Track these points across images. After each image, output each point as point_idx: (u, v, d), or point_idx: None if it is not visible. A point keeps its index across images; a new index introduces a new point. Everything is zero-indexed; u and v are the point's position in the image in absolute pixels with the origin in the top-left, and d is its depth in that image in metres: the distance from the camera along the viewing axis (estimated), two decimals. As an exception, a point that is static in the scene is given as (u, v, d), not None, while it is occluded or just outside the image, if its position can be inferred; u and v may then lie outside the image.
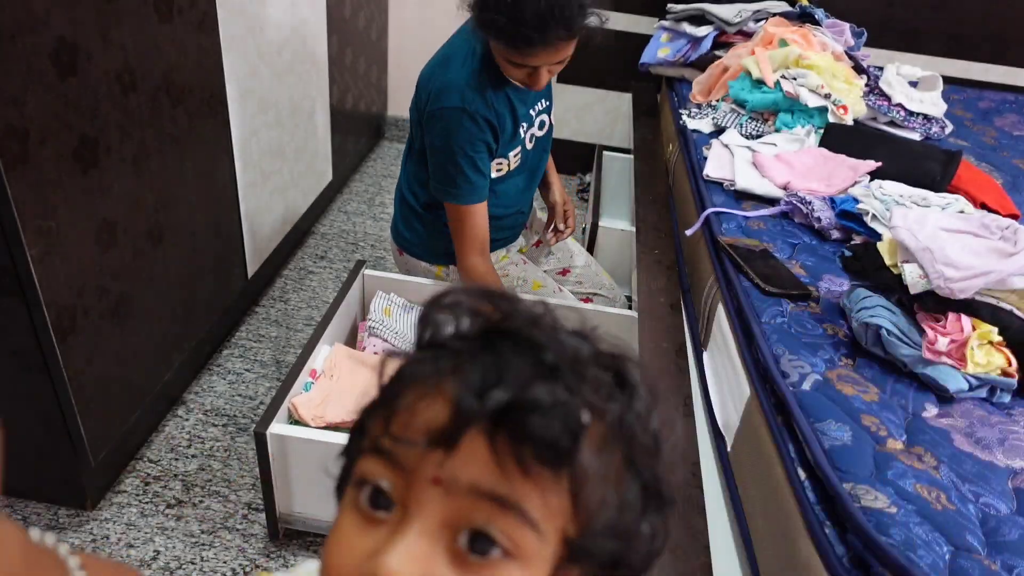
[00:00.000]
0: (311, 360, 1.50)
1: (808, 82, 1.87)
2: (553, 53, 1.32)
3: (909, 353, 1.06)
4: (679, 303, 1.51)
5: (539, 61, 1.33)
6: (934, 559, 0.75)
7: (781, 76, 1.91)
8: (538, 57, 1.32)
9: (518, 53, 1.31)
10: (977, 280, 1.05)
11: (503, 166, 1.55)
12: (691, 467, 1.12)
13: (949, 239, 1.12)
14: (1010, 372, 1.03)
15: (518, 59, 1.33)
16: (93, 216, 1.31)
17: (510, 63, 1.35)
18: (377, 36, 2.90)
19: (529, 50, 1.30)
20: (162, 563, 1.40)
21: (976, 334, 1.03)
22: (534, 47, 1.29)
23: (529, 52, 1.30)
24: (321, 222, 2.59)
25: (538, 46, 1.29)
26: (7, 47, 1.05)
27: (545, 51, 1.31)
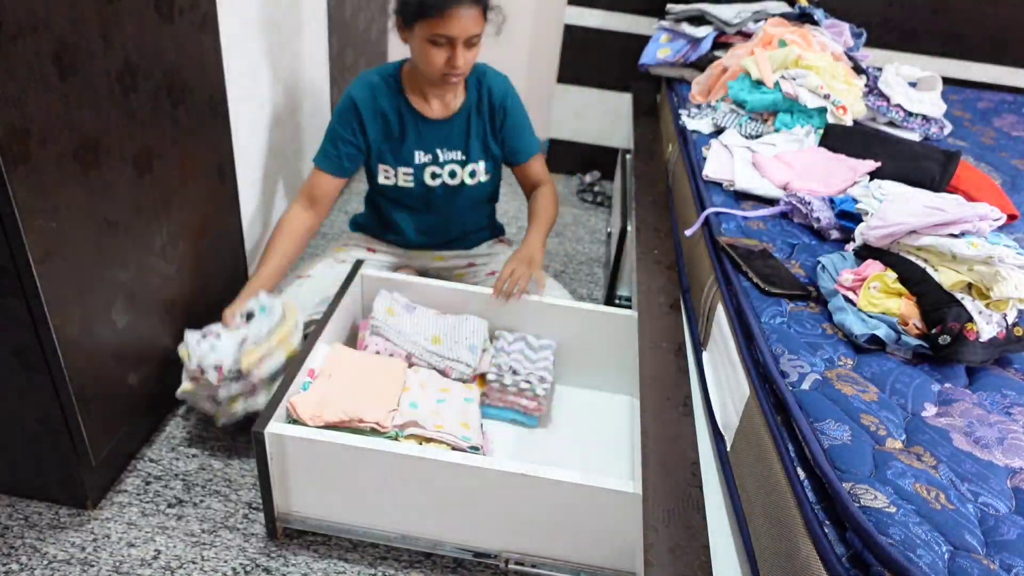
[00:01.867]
0: (309, 359, 1.50)
1: (807, 83, 1.87)
2: (468, 21, 1.53)
3: (825, 285, 1.24)
4: (679, 303, 1.51)
5: (460, 27, 1.53)
6: (933, 558, 0.76)
7: (780, 76, 1.91)
8: (459, 20, 1.52)
9: (440, 18, 1.52)
10: (888, 229, 1.23)
11: (390, 174, 1.81)
12: (691, 467, 1.12)
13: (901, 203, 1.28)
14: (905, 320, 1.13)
15: (440, 27, 1.53)
16: (94, 216, 1.31)
17: (432, 43, 1.56)
18: (377, 37, 2.90)
19: (447, 11, 1.51)
20: (163, 562, 1.40)
21: (873, 275, 1.18)
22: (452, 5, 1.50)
23: (449, 14, 1.51)
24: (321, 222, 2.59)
25: (455, 5, 1.50)
26: (8, 47, 1.06)
27: (464, 14, 1.52)
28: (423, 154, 1.78)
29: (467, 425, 1.50)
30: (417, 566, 1.46)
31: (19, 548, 1.39)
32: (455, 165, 1.82)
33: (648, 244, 1.69)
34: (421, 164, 1.79)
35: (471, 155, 1.82)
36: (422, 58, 1.60)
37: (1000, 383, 1.10)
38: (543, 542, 1.39)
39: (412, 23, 1.56)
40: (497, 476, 1.30)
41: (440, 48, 1.57)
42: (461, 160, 1.82)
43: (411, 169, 1.79)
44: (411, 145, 1.77)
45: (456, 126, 1.79)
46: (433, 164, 1.80)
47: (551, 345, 1.78)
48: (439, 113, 1.77)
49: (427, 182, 1.82)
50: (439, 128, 1.77)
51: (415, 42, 1.59)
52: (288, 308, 1.64)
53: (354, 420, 1.39)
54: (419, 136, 1.77)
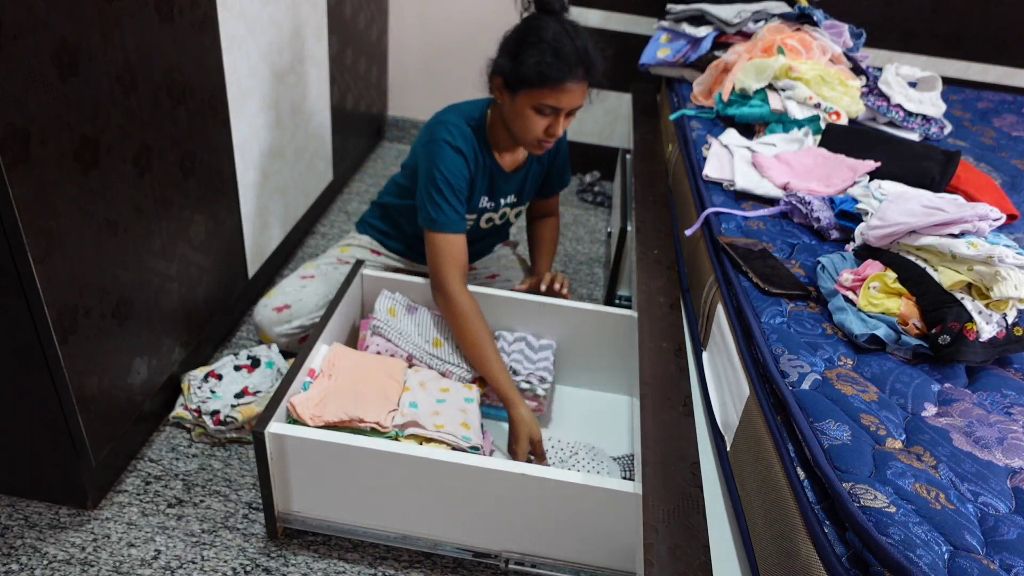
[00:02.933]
0: (310, 359, 1.50)
1: (796, 94, 1.88)
2: (577, 94, 1.51)
3: (825, 285, 1.24)
4: (679, 303, 1.51)
5: (568, 100, 1.50)
6: (933, 558, 0.76)
7: (768, 86, 1.92)
8: (569, 94, 1.49)
9: (553, 91, 1.48)
10: (887, 229, 1.23)
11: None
12: (691, 467, 1.12)
13: (901, 203, 1.28)
14: (905, 320, 1.13)
15: (550, 99, 1.49)
16: (94, 216, 1.31)
17: (536, 111, 1.51)
18: (377, 36, 2.90)
19: (565, 84, 1.47)
20: (163, 562, 1.40)
21: (873, 275, 1.18)
22: (569, 81, 1.47)
23: (564, 87, 1.47)
24: (321, 222, 2.59)
25: (571, 80, 1.47)
26: (8, 47, 1.06)
27: (575, 88, 1.49)
28: (487, 200, 1.76)
29: (467, 425, 1.50)
30: (417, 566, 1.46)
31: (19, 548, 1.39)
32: (507, 208, 1.83)
33: (648, 244, 1.69)
34: (483, 209, 1.77)
35: (523, 198, 1.84)
36: (521, 124, 1.55)
37: (1000, 383, 1.10)
38: (543, 542, 1.39)
39: (518, 89, 1.50)
40: (497, 476, 1.30)
41: (543, 117, 1.53)
42: (513, 203, 1.83)
43: (474, 216, 1.77)
44: (481, 193, 1.73)
45: (520, 175, 1.79)
46: (492, 210, 1.80)
47: (551, 345, 1.78)
48: (510, 165, 1.75)
49: (481, 225, 1.82)
50: (508, 178, 1.76)
51: (516, 107, 1.53)
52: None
53: (354, 420, 1.39)
54: (491, 187, 1.74)
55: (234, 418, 1.62)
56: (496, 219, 1.84)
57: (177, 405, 1.68)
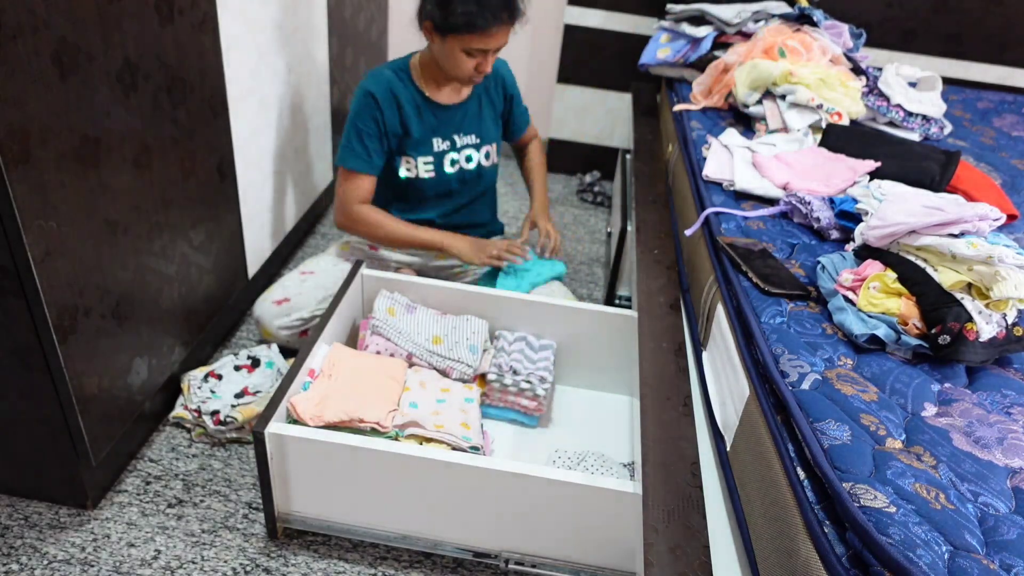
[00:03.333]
0: (310, 359, 1.50)
1: (798, 97, 1.88)
2: (502, 36, 1.64)
3: (825, 285, 1.24)
4: (679, 303, 1.51)
5: (495, 42, 1.63)
6: (933, 558, 0.76)
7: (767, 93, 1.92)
8: (495, 37, 1.62)
9: (481, 36, 1.60)
10: (887, 229, 1.23)
11: (411, 166, 1.82)
12: (690, 467, 1.12)
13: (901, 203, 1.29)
14: (905, 320, 1.13)
15: (479, 43, 1.62)
16: (94, 216, 1.31)
17: (467, 53, 1.64)
18: (377, 36, 2.90)
19: (491, 30, 1.60)
20: (163, 562, 1.40)
21: (873, 275, 1.18)
22: (494, 27, 1.60)
23: (490, 32, 1.60)
24: (321, 222, 2.59)
25: (496, 26, 1.60)
26: (8, 47, 1.06)
27: (500, 30, 1.62)
28: (441, 141, 1.82)
29: (467, 425, 1.50)
30: (417, 566, 1.46)
31: (19, 548, 1.39)
32: (471, 149, 1.86)
33: (648, 244, 1.69)
34: (440, 152, 1.82)
35: (484, 137, 1.88)
36: (451, 63, 1.67)
37: (1000, 383, 1.10)
38: (543, 542, 1.39)
39: (447, 34, 1.62)
40: (497, 476, 1.30)
41: (472, 57, 1.65)
42: (476, 143, 1.87)
43: (431, 158, 1.83)
44: (428, 133, 1.80)
45: (470, 109, 1.84)
46: (451, 151, 1.85)
47: (551, 345, 1.78)
48: (452, 98, 1.81)
49: (446, 170, 1.85)
50: (454, 113, 1.81)
51: (445, 48, 1.65)
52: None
53: (354, 420, 1.39)
54: (436, 123, 1.80)
55: (234, 418, 1.62)
56: (462, 161, 1.86)
57: (177, 405, 1.68)
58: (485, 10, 1.57)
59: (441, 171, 1.85)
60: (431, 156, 1.82)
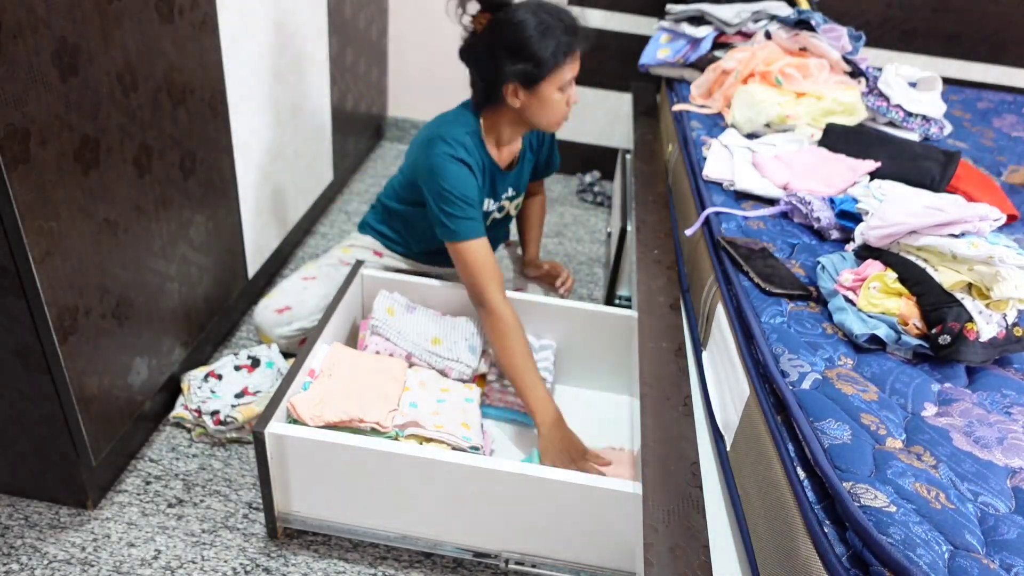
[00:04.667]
0: (310, 359, 1.50)
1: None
2: (577, 61, 1.56)
3: (825, 285, 1.24)
4: (679, 303, 1.51)
5: (577, 65, 1.56)
6: (933, 558, 0.76)
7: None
8: (576, 59, 1.55)
9: (571, 62, 1.54)
10: (887, 229, 1.23)
11: None
12: (690, 467, 1.12)
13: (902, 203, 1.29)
14: (905, 320, 1.13)
15: (568, 72, 1.54)
16: (94, 216, 1.31)
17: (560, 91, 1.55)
18: (377, 36, 2.90)
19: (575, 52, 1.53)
20: (163, 562, 1.40)
21: (873, 275, 1.18)
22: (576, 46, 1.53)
23: (574, 55, 1.53)
24: (321, 222, 2.59)
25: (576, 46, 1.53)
26: (9, 47, 1.06)
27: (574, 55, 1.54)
28: (491, 202, 1.77)
29: (467, 425, 1.50)
30: (417, 566, 1.46)
31: (19, 548, 1.39)
32: (507, 201, 1.83)
33: (648, 244, 1.69)
34: (488, 212, 1.78)
35: (520, 190, 1.85)
36: (550, 110, 1.57)
37: (1000, 383, 1.10)
38: (543, 542, 1.39)
39: (540, 81, 1.52)
40: (497, 476, 1.30)
41: (564, 93, 1.57)
42: (512, 196, 1.84)
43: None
44: (484, 195, 1.73)
45: (518, 169, 1.80)
46: (496, 211, 1.81)
47: (551, 345, 1.78)
48: (508, 161, 1.76)
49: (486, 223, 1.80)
50: (507, 175, 1.77)
51: (540, 98, 1.55)
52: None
53: (354, 420, 1.39)
54: (492, 186, 1.74)
55: (234, 418, 1.62)
56: (497, 215, 1.84)
57: (177, 405, 1.68)
58: (560, 35, 1.50)
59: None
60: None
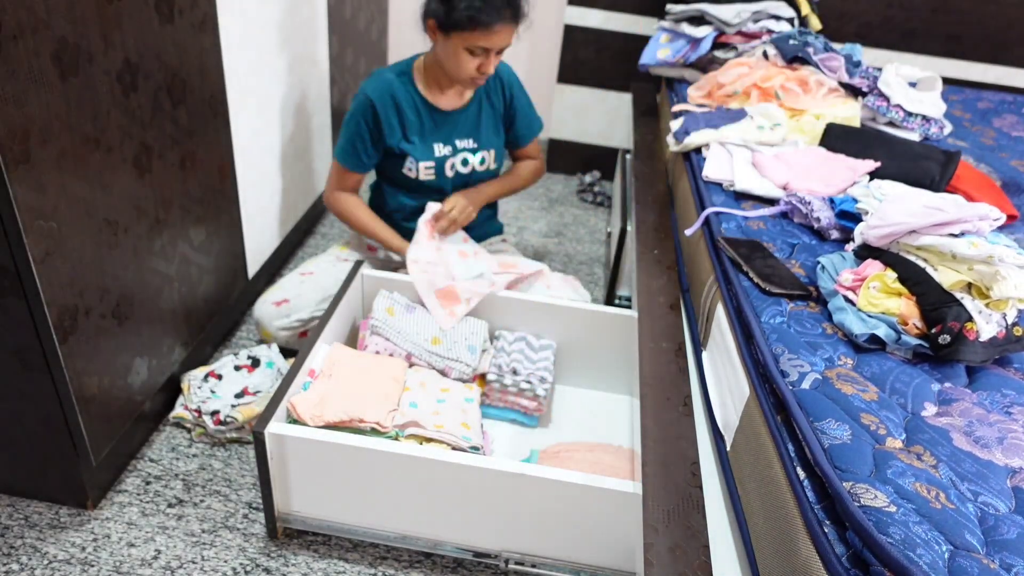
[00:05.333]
0: (310, 359, 1.50)
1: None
2: (506, 35, 1.64)
3: (825, 285, 1.24)
4: (679, 303, 1.51)
5: (498, 40, 1.63)
6: (933, 558, 0.76)
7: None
8: (499, 35, 1.62)
9: (484, 33, 1.60)
10: (887, 229, 1.23)
11: (412, 169, 1.83)
12: (690, 467, 1.12)
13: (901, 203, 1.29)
14: (905, 320, 1.12)
15: (481, 40, 1.61)
16: (94, 216, 1.31)
17: (469, 52, 1.64)
18: (377, 36, 2.90)
19: (494, 27, 1.60)
20: (163, 562, 1.40)
21: (873, 275, 1.18)
22: (497, 24, 1.60)
23: (493, 29, 1.60)
24: (321, 222, 2.59)
25: (500, 23, 1.60)
26: (9, 47, 1.06)
27: (504, 29, 1.62)
28: (442, 146, 1.83)
29: (467, 425, 1.50)
30: (417, 566, 1.46)
31: (19, 548, 1.39)
32: (467, 153, 1.87)
33: (648, 244, 1.69)
34: (442, 156, 1.83)
35: (482, 142, 1.88)
36: (454, 63, 1.67)
37: (1000, 382, 1.10)
38: (543, 542, 1.39)
39: (450, 31, 1.62)
40: (497, 476, 1.30)
41: (475, 57, 1.65)
42: (472, 148, 1.87)
43: (432, 162, 1.83)
44: (430, 139, 1.81)
45: (470, 115, 1.84)
46: (452, 155, 1.85)
47: (551, 345, 1.78)
48: (454, 104, 1.82)
49: (446, 173, 1.86)
50: (454, 118, 1.82)
51: (448, 47, 1.66)
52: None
53: (354, 420, 1.39)
54: (436, 128, 1.81)
55: (234, 418, 1.62)
56: (459, 165, 1.87)
57: (177, 405, 1.68)
58: (489, 6, 1.57)
59: (441, 174, 1.85)
60: (432, 161, 1.83)
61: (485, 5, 1.57)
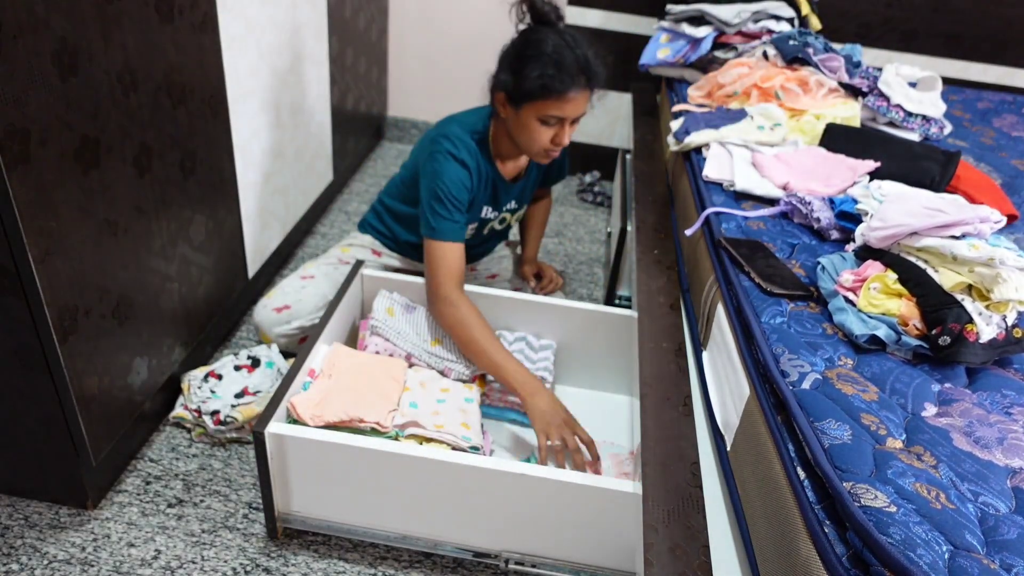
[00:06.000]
0: (310, 359, 1.50)
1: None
2: (581, 103, 1.53)
3: (825, 285, 1.24)
4: (679, 303, 1.51)
5: (572, 109, 1.52)
6: (933, 558, 0.76)
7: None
8: (573, 103, 1.51)
9: (557, 101, 1.49)
10: (888, 231, 1.23)
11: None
12: (691, 467, 1.12)
13: (902, 204, 1.28)
14: (905, 321, 1.13)
15: (555, 109, 1.50)
16: (94, 216, 1.31)
17: (542, 122, 1.53)
18: (377, 36, 2.90)
19: (568, 94, 1.49)
20: (163, 562, 1.40)
21: (873, 276, 1.18)
22: (571, 91, 1.49)
23: (567, 97, 1.49)
24: (321, 222, 2.59)
25: (574, 90, 1.49)
26: (9, 47, 1.06)
27: (578, 96, 1.51)
28: (490, 210, 1.79)
29: (467, 425, 1.50)
30: (417, 566, 1.46)
31: (19, 548, 1.39)
32: (508, 213, 1.85)
33: (648, 244, 1.69)
34: (486, 219, 1.80)
35: (523, 203, 1.87)
36: (527, 136, 1.56)
37: (1000, 383, 1.10)
38: (543, 542, 1.39)
39: (522, 102, 1.52)
40: (497, 476, 1.30)
41: (549, 128, 1.55)
42: (514, 208, 1.85)
43: (476, 223, 1.79)
44: (484, 203, 1.75)
45: (521, 182, 1.81)
46: (495, 219, 1.83)
47: (551, 345, 1.78)
48: (512, 174, 1.78)
49: (483, 233, 1.84)
50: (510, 187, 1.78)
51: (521, 120, 1.55)
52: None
53: (354, 420, 1.39)
54: (493, 195, 1.76)
55: (234, 418, 1.62)
56: (497, 225, 1.85)
57: (177, 405, 1.68)
58: (563, 73, 1.47)
59: (480, 233, 1.83)
60: (477, 222, 1.78)
61: (559, 72, 1.47)
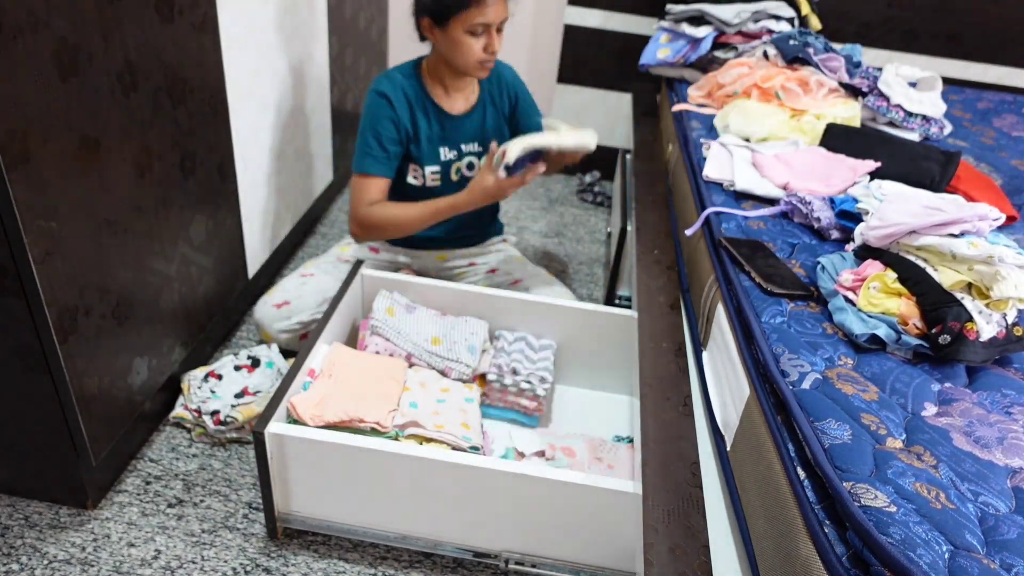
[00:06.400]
0: (310, 359, 1.50)
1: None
2: (501, 6, 1.61)
3: (825, 285, 1.24)
4: (679, 303, 1.51)
5: (495, 13, 1.60)
6: (933, 558, 0.76)
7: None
8: (494, 7, 1.59)
9: (479, 8, 1.57)
10: (887, 230, 1.23)
11: (418, 175, 1.80)
12: (691, 467, 1.12)
13: (901, 203, 1.29)
14: (905, 320, 1.13)
15: (478, 16, 1.58)
16: (94, 216, 1.31)
17: (470, 33, 1.61)
18: (377, 36, 2.90)
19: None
20: (163, 562, 1.40)
21: (873, 275, 1.18)
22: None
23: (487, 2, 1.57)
24: (321, 222, 2.59)
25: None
26: (9, 47, 1.06)
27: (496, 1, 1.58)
28: (448, 150, 1.81)
29: (467, 425, 1.50)
30: (417, 566, 1.46)
31: (19, 548, 1.39)
32: (473, 157, 1.85)
33: (648, 244, 1.69)
34: (447, 161, 1.81)
35: (488, 144, 1.85)
36: (460, 51, 1.63)
37: (1000, 382, 1.10)
38: (543, 542, 1.39)
39: (447, 19, 1.59)
40: (497, 476, 1.30)
41: (478, 38, 1.62)
42: (478, 151, 1.85)
43: (438, 167, 1.81)
44: (436, 143, 1.79)
45: (476, 118, 1.82)
46: (457, 160, 1.83)
47: (551, 345, 1.78)
48: (460, 108, 1.80)
49: (452, 178, 1.84)
50: (461, 122, 1.80)
51: (450, 38, 1.62)
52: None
53: (354, 420, 1.39)
54: (443, 132, 1.79)
55: (234, 418, 1.62)
56: (464, 170, 1.85)
57: (177, 405, 1.68)
58: None
59: (447, 180, 1.84)
60: (438, 166, 1.80)
61: None
